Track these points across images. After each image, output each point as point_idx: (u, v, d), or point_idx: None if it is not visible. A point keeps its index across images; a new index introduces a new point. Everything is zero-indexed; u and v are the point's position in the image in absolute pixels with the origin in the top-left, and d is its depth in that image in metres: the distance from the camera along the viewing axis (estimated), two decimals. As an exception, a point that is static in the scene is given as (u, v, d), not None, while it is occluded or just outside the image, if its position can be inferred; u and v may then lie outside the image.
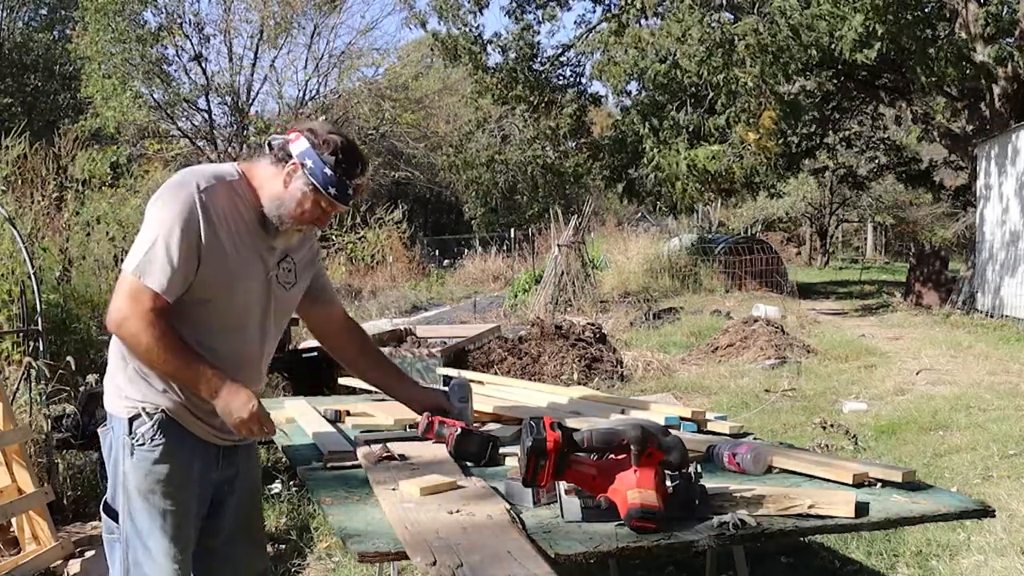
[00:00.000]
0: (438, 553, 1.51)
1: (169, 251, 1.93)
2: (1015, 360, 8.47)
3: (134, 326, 1.94)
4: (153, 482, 2.02)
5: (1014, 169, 11.94)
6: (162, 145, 20.78)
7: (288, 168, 2.04)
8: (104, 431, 2.13)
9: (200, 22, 21.84)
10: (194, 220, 1.95)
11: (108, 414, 2.10)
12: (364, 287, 17.05)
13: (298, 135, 2.06)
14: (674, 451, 1.76)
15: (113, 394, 2.08)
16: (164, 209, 1.96)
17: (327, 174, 2.02)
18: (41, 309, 4.30)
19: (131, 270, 1.95)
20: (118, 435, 2.05)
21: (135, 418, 2.02)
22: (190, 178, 2.00)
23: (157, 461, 2.02)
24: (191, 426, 2.06)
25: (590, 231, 18.94)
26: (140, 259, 1.94)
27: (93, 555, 3.52)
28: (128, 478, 2.03)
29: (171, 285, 1.94)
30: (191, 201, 1.96)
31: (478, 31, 14.48)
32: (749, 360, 8.62)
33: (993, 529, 3.61)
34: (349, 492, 2.00)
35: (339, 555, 3.58)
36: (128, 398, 2.04)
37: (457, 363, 6.66)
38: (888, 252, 38.87)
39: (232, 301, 2.06)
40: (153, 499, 2.03)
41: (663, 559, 3.39)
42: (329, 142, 2.04)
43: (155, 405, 2.03)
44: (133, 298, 1.94)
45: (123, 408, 2.04)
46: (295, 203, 2.04)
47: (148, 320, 1.93)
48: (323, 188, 2.02)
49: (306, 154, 2.03)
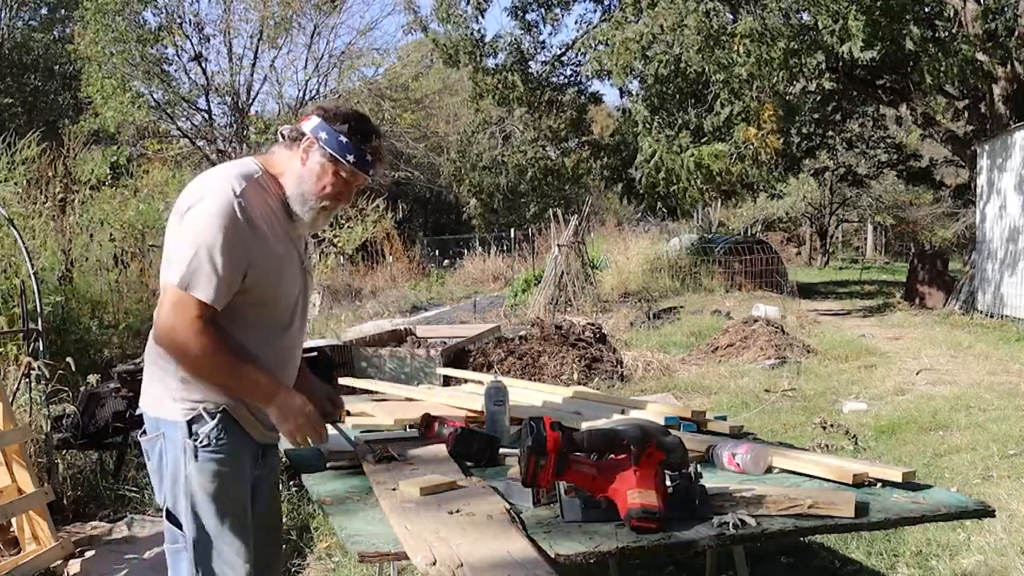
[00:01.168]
0: (438, 553, 1.51)
1: (213, 260, 1.88)
2: (1015, 360, 8.47)
3: (182, 337, 1.90)
4: (220, 483, 1.97)
5: (1014, 169, 11.94)
6: (162, 145, 20.79)
7: (304, 145, 2.03)
8: (152, 439, 2.03)
9: (200, 22, 21.89)
10: (236, 226, 1.91)
11: (153, 419, 2.02)
12: (364, 287, 17.05)
13: (309, 115, 2.07)
14: (674, 451, 1.77)
15: (162, 398, 2.01)
16: (204, 217, 1.90)
17: (342, 142, 2.01)
18: (41, 309, 4.30)
19: (175, 282, 1.89)
20: (174, 439, 1.98)
21: (195, 420, 1.97)
22: (224, 183, 1.95)
23: (223, 461, 1.98)
24: (246, 424, 2.03)
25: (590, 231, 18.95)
26: (184, 270, 1.89)
27: (93, 555, 3.53)
28: (191, 482, 1.97)
29: (218, 294, 1.90)
30: (231, 207, 1.91)
31: (479, 34, 14.49)
32: (749, 360, 8.62)
33: (993, 529, 3.61)
34: (349, 492, 2.00)
35: (339, 555, 3.58)
36: (185, 400, 1.97)
37: (457, 363, 6.66)
38: (888, 252, 38.90)
39: (281, 297, 2.05)
40: (220, 500, 1.98)
41: (663, 559, 3.39)
42: (340, 113, 2.04)
43: (216, 404, 1.98)
44: (179, 310, 1.90)
45: (178, 411, 1.97)
46: (315, 177, 2.03)
47: (195, 330, 1.89)
48: (341, 156, 2.01)
49: (319, 128, 2.02)
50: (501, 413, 2.43)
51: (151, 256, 7.38)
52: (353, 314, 13.12)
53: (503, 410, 2.43)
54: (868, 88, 14.99)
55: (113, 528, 3.80)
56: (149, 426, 2.04)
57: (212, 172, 2.05)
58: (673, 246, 19.08)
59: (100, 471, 4.43)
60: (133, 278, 7.03)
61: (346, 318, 12.58)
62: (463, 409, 2.78)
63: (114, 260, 7.00)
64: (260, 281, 1.97)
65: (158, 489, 2.04)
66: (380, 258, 19.66)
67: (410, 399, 3.10)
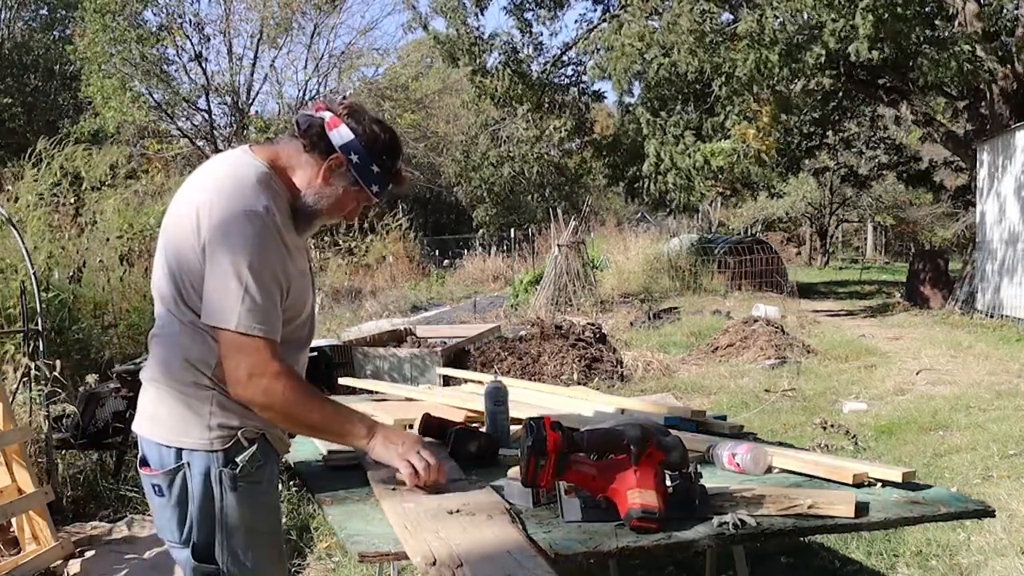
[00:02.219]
0: (438, 553, 1.51)
1: (268, 290, 1.71)
2: (1015, 360, 8.47)
3: (266, 383, 1.72)
4: (258, 512, 1.82)
5: (1014, 169, 11.94)
6: (162, 145, 20.79)
7: (330, 163, 1.82)
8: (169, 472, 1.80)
9: (200, 22, 21.90)
10: (275, 248, 1.74)
11: (172, 449, 1.79)
12: (364, 287, 17.04)
13: (336, 120, 1.81)
14: (674, 451, 1.76)
15: (190, 427, 1.78)
16: (244, 248, 1.70)
17: (375, 172, 1.83)
18: (41, 309, 4.30)
19: (234, 325, 1.69)
20: (207, 470, 1.77)
21: (232, 448, 1.78)
22: (252, 199, 1.73)
23: (261, 490, 1.82)
24: (276, 442, 1.88)
25: (590, 231, 18.95)
26: (240, 309, 1.69)
27: (93, 555, 3.53)
28: (228, 514, 1.78)
29: (277, 325, 1.74)
30: (269, 229, 1.73)
31: (478, 32, 14.48)
32: (749, 360, 8.62)
33: (993, 529, 3.61)
34: (349, 492, 2.00)
35: (339, 555, 3.58)
36: (221, 427, 1.77)
37: (457, 363, 6.67)
38: (888, 252, 38.92)
39: (305, 311, 1.91)
40: (258, 530, 1.82)
41: (663, 559, 3.39)
42: (377, 136, 1.83)
43: (254, 429, 1.80)
44: (252, 355, 1.71)
45: (213, 440, 1.77)
46: (336, 202, 1.85)
47: (275, 372, 1.72)
48: (367, 186, 1.84)
49: (351, 147, 1.80)
50: (501, 413, 2.42)
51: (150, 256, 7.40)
52: (353, 314, 13.11)
53: (503, 410, 2.42)
54: (868, 88, 15.00)
55: (113, 528, 3.80)
56: (162, 457, 1.80)
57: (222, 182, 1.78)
58: (673, 246, 19.09)
59: (100, 471, 4.43)
60: (136, 277, 7.03)
61: (346, 318, 12.57)
62: (463, 409, 2.78)
63: (120, 260, 7.01)
64: (292, 301, 1.82)
65: (175, 526, 1.83)
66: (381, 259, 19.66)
67: (410, 399, 3.10)
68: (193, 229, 1.74)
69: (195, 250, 1.74)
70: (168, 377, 1.80)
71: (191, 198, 1.79)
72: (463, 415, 2.71)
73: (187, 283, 1.77)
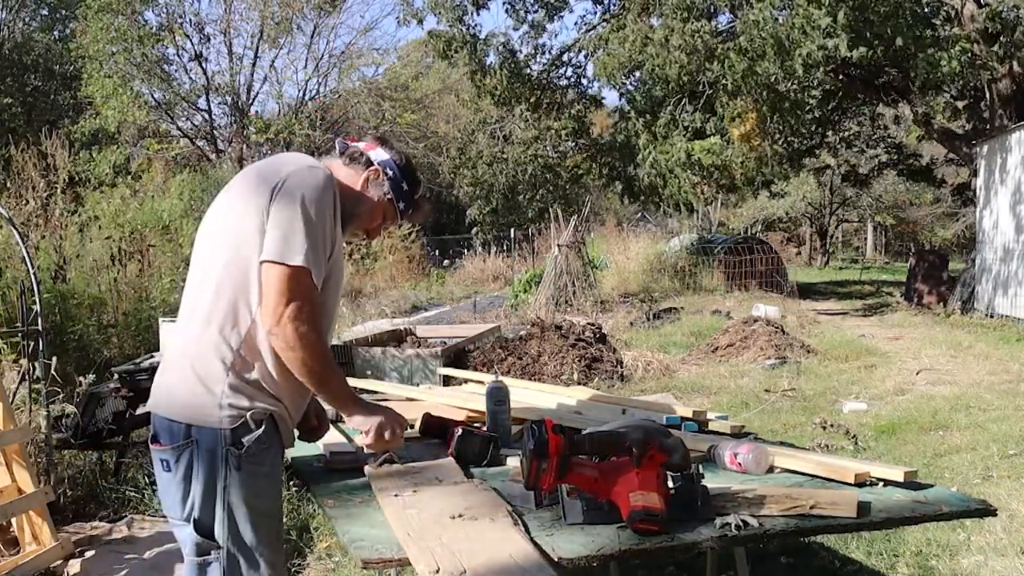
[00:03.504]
0: (441, 560, 1.51)
1: (324, 238, 1.85)
2: (1015, 360, 8.47)
3: (305, 326, 1.81)
4: (260, 493, 1.89)
5: (1013, 169, 11.94)
6: (162, 145, 20.78)
7: (368, 173, 2.02)
8: (177, 448, 1.87)
9: (200, 22, 21.87)
10: (333, 204, 1.89)
11: (182, 425, 1.86)
12: (364, 287, 17.04)
13: (372, 144, 2.06)
14: (676, 452, 1.76)
15: (204, 404, 1.86)
16: (310, 191, 1.84)
17: (404, 191, 2.04)
18: (41, 309, 4.29)
19: (300, 261, 1.80)
20: (214, 448, 1.85)
21: (239, 428, 1.85)
22: (316, 164, 1.93)
23: (264, 472, 1.89)
24: (283, 429, 1.96)
25: (590, 231, 18.95)
26: (302, 247, 1.80)
27: (93, 555, 3.52)
28: (231, 493, 1.86)
29: (322, 275, 1.87)
30: (331, 184, 1.89)
31: (475, 29, 14.47)
32: (749, 360, 8.62)
33: (993, 529, 3.61)
34: (351, 495, 2.00)
35: (339, 555, 3.58)
36: (233, 407, 1.85)
37: (457, 363, 6.66)
38: (888, 252, 38.91)
39: (336, 292, 2.01)
40: (258, 511, 1.89)
41: (665, 560, 3.39)
42: (406, 160, 2.06)
43: (263, 410, 1.88)
44: (304, 295, 1.81)
45: (223, 418, 1.85)
46: (369, 208, 2.03)
47: (317, 318, 1.85)
48: (397, 202, 2.03)
49: (388, 164, 2.03)
50: (502, 413, 2.42)
51: (149, 256, 7.38)
52: (353, 314, 13.11)
53: (504, 410, 2.42)
54: (867, 87, 15.00)
55: (113, 528, 3.80)
56: (172, 432, 1.88)
57: (280, 157, 2.00)
58: (673, 246, 19.10)
59: (100, 471, 4.43)
60: (132, 277, 7.02)
61: (346, 318, 12.57)
62: (463, 409, 2.78)
63: (111, 259, 6.98)
64: (330, 271, 1.92)
65: (179, 501, 1.90)
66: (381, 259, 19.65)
67: (410, 399, 3.10)
68: (255, 190, 1.87)
69: (258, 208, 1.84)
70: (190, 354, 1.89)
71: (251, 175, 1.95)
72: (464, 415, 2.71)
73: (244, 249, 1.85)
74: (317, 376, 1.90)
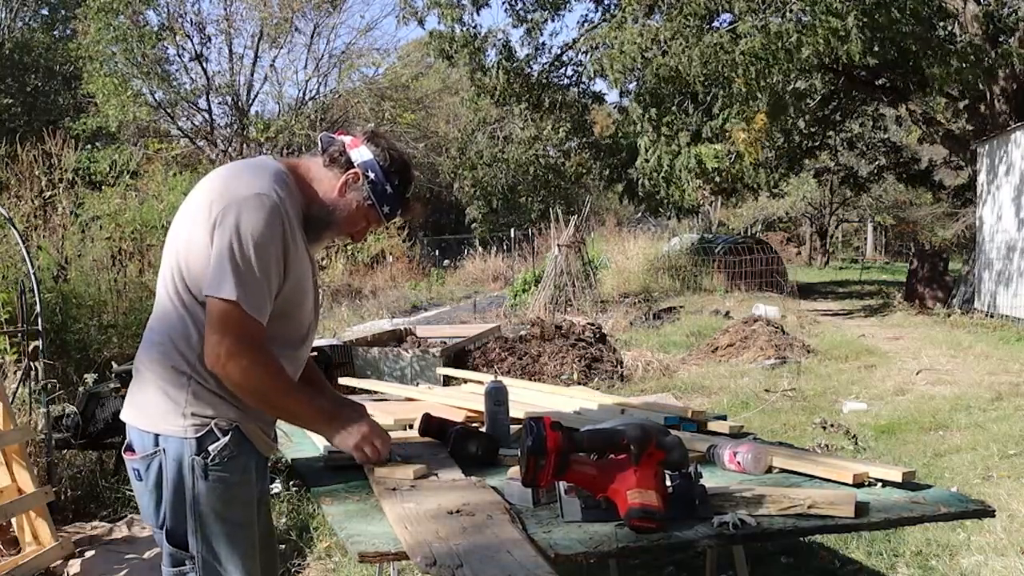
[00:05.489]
0: (438, 554, 1.51)
1: (265, 271, 1.76)
2: (1015, 360, 8.47)
3: (246, 361, 1.76)
4: (230, 503, 1.86)
5: (1014, 169, 11.94)
6: (163, 145, 20.80)
7: (347, 177, 1.91)
8: (146, 457, 1.86)
9: (201, 21, 21.89)
10: (281, 235, 1.79)
11: (150, 434, 1.85)
12: (364, 287, 17.05)
13: (357, 141, 1.94)
14: (674, 451, 1.76)
15: (166, 413, 1.84)
16: (249, 224, 1.75)
17: (388, 193, 1.92)
18: (41, 309, 4.30)
19: (232, 296, 1.73)
20: (180, 457, 1.83)
21: (205, 437, 1.82)
22: (265, 184, 1.80)
23: (234, 480, 1.85)
24: (255, 438, 1.91)
25: (590, 231, 18.96)
26: (234, 283, 1.73)
27: (93, 555, 3.52)
28: (200, 502, 1.83)
29: (265, 307, 1.79)
30: (277, 214, 1.78)
31: (475, 29, 14.45)
32: (749, 360, 8.61)
33: (993, 529, 3.61)
34: (349, 492, 2.00)
35: (339, 555, 3.58)
36: (196, 415, 1.83)
37: (457, 363, 6.67)
38: (888, 252, 38.93)
39: (303, 310, 1.94)
40: (230, 521, 1.86)
41: (663, 559, 3.39)
42: (394, 158, 1.93)
43: (229, 420, 1.85)
44: (239, 330, 1.75)
45: (187, 427, 1.82)
46: (347, 214, 1.93)
47: (259, 350, 1.78)
48: (379, 206, 1.93)
49: (369, 165, 1.91)
50: (501, 413, 2.42)
51: (149, 256, 7.38)
52: (353, 314, 13.12)
53: (503, 410, 2.42)
54: (868, 88, 15.00)
55: (113, 528, 3.80)
56: (142, 442, 1.87)
57: (239, 170, 1.89)
58: (673, 246, 19.10)
59: (100, 471, 4.43)
60: (132, 277, 7.02)
61: (346, 318, 12.58)
62: (463, 409, 2.78)
63: (111, 259, 6.99)
64: (288, 295, 1.86)
65: (152, 510, 1.89)
66: (380, 258, 19.67)
67: (410, 399, 3.10)
68: (207, 207, 1.80)
69: (206, 228, 1.78)
70: (151, 363, 1.87)
71: (210, 184, 1.87)
72: (463, 415, 2.71)
73: (191, 264, 1.81)
74: (273, 406, 1.88)
